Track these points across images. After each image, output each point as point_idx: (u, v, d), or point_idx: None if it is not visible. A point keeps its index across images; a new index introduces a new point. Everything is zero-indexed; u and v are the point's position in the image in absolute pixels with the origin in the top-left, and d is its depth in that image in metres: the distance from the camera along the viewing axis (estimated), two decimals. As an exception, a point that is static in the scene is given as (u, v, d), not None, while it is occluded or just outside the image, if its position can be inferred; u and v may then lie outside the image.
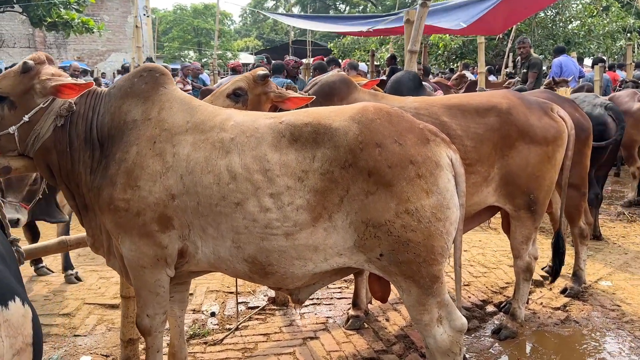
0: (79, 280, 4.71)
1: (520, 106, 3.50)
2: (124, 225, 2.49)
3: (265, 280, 2.54)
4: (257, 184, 2.36)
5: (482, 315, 4.05)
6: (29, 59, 2.59)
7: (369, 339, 3.60)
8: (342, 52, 21.25)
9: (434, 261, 2.36)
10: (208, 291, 4.45)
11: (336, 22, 14.56)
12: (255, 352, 3.44)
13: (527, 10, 12.85)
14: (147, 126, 2.54)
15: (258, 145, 2.42)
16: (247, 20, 52.98)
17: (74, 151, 2.59)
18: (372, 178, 2.29)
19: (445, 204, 2.35)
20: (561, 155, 3.58)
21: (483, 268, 4.98)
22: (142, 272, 2.56)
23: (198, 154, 2.45)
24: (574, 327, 3.88)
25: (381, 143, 2.32)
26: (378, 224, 2.30)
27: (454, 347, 2.49)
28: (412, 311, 2.49)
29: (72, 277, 4.68)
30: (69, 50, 21.96)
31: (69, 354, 3.48)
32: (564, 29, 18.84)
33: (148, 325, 2.69)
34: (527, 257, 3.64)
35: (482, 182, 3.43)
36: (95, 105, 2.64)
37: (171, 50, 38.83)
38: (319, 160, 2.35)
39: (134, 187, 2.45)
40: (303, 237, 2.37)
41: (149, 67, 2.73)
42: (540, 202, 3.51)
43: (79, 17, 14.69)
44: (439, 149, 2.41)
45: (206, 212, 2.42)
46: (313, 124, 2.41)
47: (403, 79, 4.52)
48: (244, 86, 3.43)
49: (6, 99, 2.53)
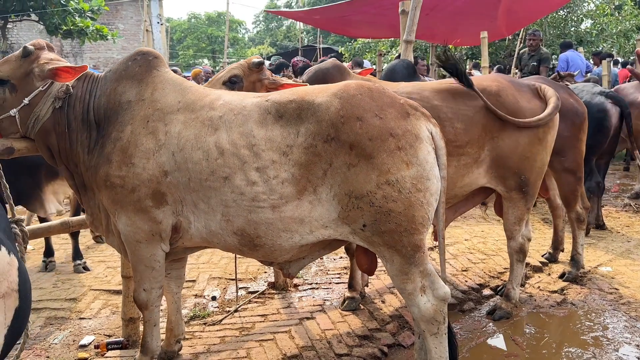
0: (87, 269, 4.85)
1: (509, 89, 3.56)
2: (120, 201, 2.60)
3: (255, 253, 2.63)
4: (243, 158, 2.46)
5: (479, 298, 4.09)
6: (29, 45, 2.73)
7: (364, 319, 3.66)
8: (354, 55, 21.33)
9: (415, 230, 2.43)
10: (210, 278, 4.56)
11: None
12: (252, 331, 3.53)
13: (537, 13, 12.87)
14: (140, 106, 2.66)
15: (245, 122, 2.52)
16: (260, 27, 53.40)
17: (72, 132, 2.71)
18: (354, 151, 2.38)
19: (425, 175, 2.43)
20: (552, 136, 3.62)
21: (482, 255, 5.02)
22: (138, 246, 2.67)
23: (188, 132, 2.56)
24: (570, 309, 3.91)
25: (362, 117, 2.41)
26: (360, 195, 2.38)
27: (437, 315, 2.55)
28: (395, 280, 2.56)
29: (80, 267, 4.82)
30: (85, 59, 22.39)
31: (73, 335, 3.60)
32: (576, 28, 18.71)
33: (145, 299, 2.80)
34: (520, 238, 3.69)
35: (472, 163, 3.48)
36: (92, 88, 2.77)
37: (185, 58, 39.31)
38: (302, 135, 2.44)
39: (128, 164, 2.56)
40: (289, 210, 2.46)
41: (143, 51, 2.86)
42: (531, 183, 3.56)
43: (93, 24, 15.03)
44: (418, 122, 2.49)
45: (197, 187, 2.52)
46: (297, 101, 2.51)
47: (397, 67, 4.60)
48: (239, 73, 3.54)
49: (7, 82, 2.67)
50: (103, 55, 22.71)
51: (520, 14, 11.77)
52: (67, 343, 3.48)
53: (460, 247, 5.28)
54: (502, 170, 3.50)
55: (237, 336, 3.47)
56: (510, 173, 3.49)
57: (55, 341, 3.51)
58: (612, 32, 18.24)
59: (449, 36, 9.71)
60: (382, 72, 9.32)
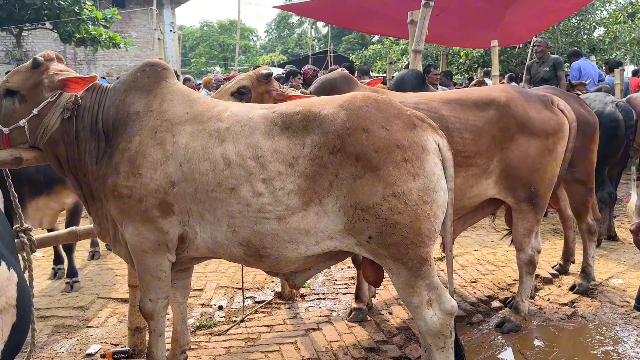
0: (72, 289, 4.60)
1: (519, 99, 3.53)
2: (127, 211, 2.61)
3: (261, 263, 2.62)
4: (250, 170, 2.46)
5: (487, 310, 4.05)
6: (39, 56, 2.75)
7: (371, 330, 3.64)
8: (364, 63, 21.35)
9: (421, 243, 2.41)
10: (218, 287, 4.56)
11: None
12: (258, 341, 3.52)
13: (549, 20, 12.81)
14: (149, 117, 2.67)
15: (251, 134, 2.52)
16: (272, 35, 53.69)
17: (81, 142, 2.73)
18: (360, 162, 2.37)
19: (432, 187, 2.41)
20: (562, 148, 3.58)
21: (492, 266, 4.97)
22: (145, 256, 2.67)
23: (196, 143, 2.56)
24: (580, 322, 3.85)
25: (368, 128, 2.40)
26: (366, 207, 2.36)
27: (444, 329, 2.52)
28: (402, 293, 2.53)
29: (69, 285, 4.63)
30: (99, 66, 22.61)
31: (80, 343, 3.61)
32: (589, 36, 18.60)
33: (150, 309, 2.79)
34: (529, 250, 3.64)
35: (481, 174, 3.46)
36: (100, 99, 2.79)
37: (198, 66, 39.58)
38: (308, 146, 2.44)
39: (136, 174, 2.57)
40: (295, 221, 2.45)
41: (152, 62, 2.88)
42: (541, 194, 3.52)
43: (106, 32, 15.19)
44: (425, 133, 2.47)
45: (203, 198, 2.52)
46: (303, 112, 2.51)
47: (406, 77, 4.59)
48: (248, 84, 3.55)
49: (17, 93, 2.69)
50: (116, 63, 22.92)
51: (532, 22, 11.72)
52: (74, 352, 3.49)
53: (470, 257, 5.23)
54: (511, 181, 3.46)
55: (243, 347, 3.46)
56: (520, 184, 3.46)
57: (62, 349, 3.51)
58: (625, 40, 18.09)
59: (460, 40, 9.71)
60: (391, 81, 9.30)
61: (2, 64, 19.56)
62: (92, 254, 5.45)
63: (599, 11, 19.15)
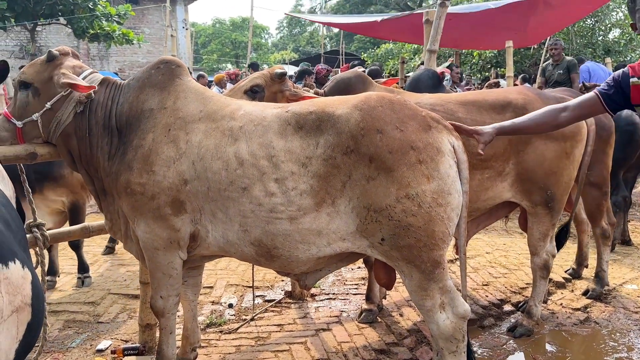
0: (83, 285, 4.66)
1: (536, 102, 3.48)
2: (140, 209, 2.60)
3: (272, 263, 2.61)
4: (262, 169, 2.44)
5: (499, 314, 4.01)
6: (55, 50, 2.75)
7: (381, 332, 3.61)
8: (376, 61, 21.28)
9: (435, 246, 2.38)
10: (228, 285, 4.55)
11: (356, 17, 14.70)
12: (268, 341, 3.51)
13: (563, 21, 12.70)
14: (162, 115, 2.66)
15: (264, 133, 2.51)
16: (283, 33, 53.68)
17: (93, 137, 2.72)
18: (374, 163, 2.34)
19: (447, 190, 2.38)
20: (580, 151, 3.54)
21: (504, 269, 4.93)
22: (156, 254, 2.67)
23: (209, 141, 2.55)
24: (593, 328, 3.80)
25: (382, 129, 2.37)
26: (379, 208, 2.34)
27: (456, 333, 2.49)
28: (414, 296, 2.51)
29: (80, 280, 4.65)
30: (111, 62, 22.73)
31: (91, 339, 3.62)
32: (604, 38, 18.40)
33: (161, 307, 2.79)
34: (544, 254, 3.60)
35: (496, 176, 3.42)
36: (114, 95, 2.78)
37: (209, 63, 39.69)
38: (322, 146, 2.42)
39: (149, 171, 2.56)
40: (307, 222, 2.43)
41: (166, 60, 2.87)
42: (557, 198, 3.47)
43: (119, 29, 15.28)
44: (440, 135, 2.44)
45: (216, 197, 2.51)
46: (317, 112, 2.49)
47: (422, 77, 4.56)
48: (261, 83, 3.54)
49: (31, 86, 2.70)
50: (129, 59, 23.02)
51: (547, 23, 11.62)
52: (85, 347, 3.50)
53: (481, 260, 5.19)
54: (527, 184, 3.42)
55: (253, 346, 3.45)
56: (536, 188, 3.42)
57: (73, 344, 3.53)
58: (641, 42, 17.87)
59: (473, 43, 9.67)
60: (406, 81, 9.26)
61: (17, 59, 19.70)
62: (109, 249, 5.45)
63: (614, 12, 18.93)
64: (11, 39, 20.37)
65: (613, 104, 2.46)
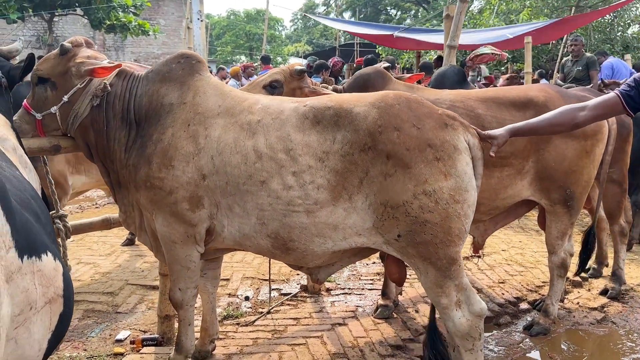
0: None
1: (557, 100, 3.45)
2: (158, 202, 2.63)
3: (287, 256, 2.63)
4: (280, 162, 2.46)
5: (515, 312, 4.00)
6: (66, 42, 2.77)
7: (397, 328, 3.63)
8: (391, 54, 21.17)
9: (451, 243, 2.39)
10: (244, 277, 4.59)
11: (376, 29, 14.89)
12: (284, 334, 3.54)
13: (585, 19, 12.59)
14: (182, 110, 2.68)
15: (282, 127, 2.52)
16: (298, 25, 53.55)
17: (110, 129, 2.75)
18: (391, 160, 2.36)
19: (464, 187, 2.39)
20: (600, 150, 3.50)
21: (520, 267, 4.91)
22: (174, 247, 2.70)
23: (228, 136, 2.57)
24: (610, 328, 3.78)
25: (400, 127, 2.38)
26: (396, 205, 2.35)
27: (472, 331, 2.50)
28: (430, 294, 2.52)
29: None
30: (127, 53, 22.84)
31: (110, 329, 3.67)
32: (623, 34, 18.14)
33: (180, 299, 2.83)
34: (562, 253, 3.58)
35: (516, 174, 3.40)
36: (132, 87, 2.79)
37: (223, 55, 39.74)
38: (339, 142, 2.43)
39: (168, 166, 2.59)
40: (323, 215, 2.45)
41: (186, 54, 2.88)
42: (577, 197, 3.45)
43: (135, 20, 15.36)
44: (456, 133, 2.45)
45: (234, 191, 2.53)
46: (335, 108, 2.50)
47: (447, 73, 4.53)
48: (281, 79, 3.55)
49: (48, 81, 2.73)
50: (144, 50, 23.12)
51: (567, 21, 11.51)
52: (104, 337, 3.55)
53: (497, 257, 5.18)
54: (546, 183, 3.40)
55: (270, 339, 3.48)
56: (555, 186, 3.40)
57: (92, 334, 3.58)
58: (661, 39, 17.59)
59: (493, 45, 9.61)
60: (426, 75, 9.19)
61: (34, 49, 19.87)
62: (128, 240, 5.51)
63: (634, 8, 18.63)
64: (28, 29, 20.54)
65: (634, 104, 2.44)
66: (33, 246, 1.43)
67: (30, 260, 1.39)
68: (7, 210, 1.32)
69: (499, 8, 18.26)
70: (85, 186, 4.45)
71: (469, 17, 18.01)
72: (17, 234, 1.34)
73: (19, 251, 1.34)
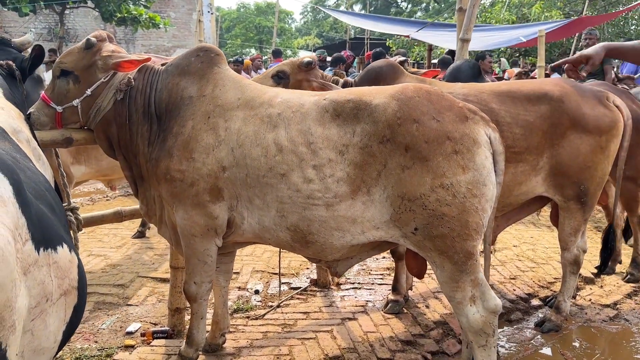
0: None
1: (573, 94, 3.41)
2: (179, 195, 2.63)
3: (306, 249, 2.62)
4: (301, 155, 2.46)
5: (527, 308, 3.97)
6: (92, 36, 2.78)
7: (407, 323, 3.61)
8: (402, 48, 21.05)
9: (468, 236, 2.37)
10: (254, 271, 4.59)
11: (388, 23, 14.86)
12: (294, 328, 3.54)
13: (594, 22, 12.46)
14: (202, 102, 2.68)
15: (303, 120, 2.52)
16: (307, 18, 53.38)
17: (133, 124, 2.75)
18: (409, 153, 2.34)
19: (482, 181, 2.37)
20: (615, 145, 3.46)
21: (532, 263, 4.87)
22: (193, 240, 2.70)
23: (248, 128, 2.57)
24: (623, 325, 3.75)
25: (419, 119, 2.36)
26: (413, 197, 2.34)
27: (486, 327, 2.49)
28: (445, 288, 2.51)
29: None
30: (137, 46, 22.86)
31: (120, 321, 3.68)
32: (637, 28, 17.94)
33: (194, 292, 2.83)
34: (575, 249, 3.54)
35: (530, 170, 3.37)
36: (152, 81, 2.80)
37: (233, 48, 39.72)
38: (359, 135, 2.42)
39: (189, 158, 2.59)
40: (342, 209, 2.44)
41: (205, 47, 2.88)
42: (591, 193, 3.41)
43: (146, 12, 15.37)
44: (477, 126, 2.42)
45: (254, 184, 2.53)
46: (354, 100, 2.49)
47: (462, 67, 4.50)
48: (287, 70, 3.59)
49: (71, 74, 2.72)
50: (154, 43, 23.13)
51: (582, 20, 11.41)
52: (115, 329, 3.57)
53: (509, 253, 5.14)
54: (560, 178, 3.36)
55: (279, 332, 3.48)
56: (569, 182, 3.36)
57: (103, 326, 3.60)
58: (676, 32, 17.37)
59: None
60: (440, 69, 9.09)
61: (45, 41, 19.95)
62: (139, 233, 5.55)
63: (649, 1, 18.37)
64: (39, 22, 20.60)
65: None
66: (48, 238, 1.44)
67: (46, 253, 1.40)
68: (23, 203, 1.32)
69: (511, 1, 18.09)
70: (84, 176, 4.45)
71: (481, 10, 17.84)
72: (32, 226, 1.34)
73: (35, 243, 1.34)
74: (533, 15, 16.32)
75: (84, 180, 4.79)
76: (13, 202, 1.28)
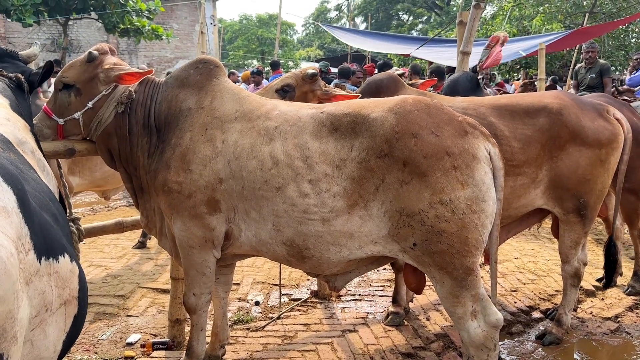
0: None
1: (572, 107, 3.42)
2: (176, 207, 2.64)
3: (302, 264, 2.62)
4: (297, 170, 2.46)
5: (527, 321, 3.96)
6: (93, 49, 2.81)
7: (408, 336, 3.60)
8: (403, 60, 21.14)
9: (467, 253, 2.37)
10: (254, 282, 4.59)
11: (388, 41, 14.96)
12: (294, 340, 3.53)
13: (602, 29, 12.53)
14: (200, 114, 2.70)
15: (300, 134, 2.52)
16: (309, 30, 53.67)
17: (133, 136, 2.77)
18: (407, 168, 2.34)
19: (481, 197, 2.36)
20: (616, 159, 3.47)
21: (533, 275, 4.86)
22: (191, 252, 2.71)
23: (244, 141, 2.57)
24: (624, 338, 3.74)
25: (417, 133, 2.36)
26: (412, 213, 2.33)
27: (487, 342, 2.48)
28: (445, 303, 2.50)
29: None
30: (140, 57, 23.01)
31: (120, 332, 3.68)
32: (637, 40, 18.00)
33: (194, 304, 2.83)
34: (575, 262, 3.55)
35: (529, 183, 3.37)
36: (152, 94, 2.82)
37: (235, 59, 39.90)
38: (356, 149, 2.42)
39: (186, 170, 2.60)
40: (339, 224, 2.44)
41: (205, 60, 2.90)
42: (590, 206, 3.42)
43: (149, 24, 15.47)
44: (476, 141, 2.42)
45: (250, 196, 2.54)
46: (352, 114, 2.49)
47: (461, 80, 4.52)
48: (292, 83, 3.58)
49: (73, 87, 2.75)
50: (157, 54, 23.30)
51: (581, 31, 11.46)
52: (115, 340, 3.56)
53: (510, 265, 5.14)
54: (560, 191, 3.37)
55: (280, 344, 3.47)
56: (569, 195, 3.36)
57: (103, 337, 3.59)
58: (676, 45, 17.44)
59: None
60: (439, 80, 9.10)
61: (48, 52, 20.09)
62: (140, 243, 5.55)
63: (649, 14, 18.46)
64: (43, 32, 20.77)
65: None
66: (50, 248, 1.45)
67: (47, 262, 1.40)
68: (26, 213, 1.33)
69: (512, 14, 18.18)
70: (78, 187, 4.46)
71: (481, 23, 17.94)
72: (35, 235, 1.35)
73: (37, 253, 1.35)
74: (534, 28, 16.40)
75: (78, 192, 4.80)
76: (17, 212, 1.29)
